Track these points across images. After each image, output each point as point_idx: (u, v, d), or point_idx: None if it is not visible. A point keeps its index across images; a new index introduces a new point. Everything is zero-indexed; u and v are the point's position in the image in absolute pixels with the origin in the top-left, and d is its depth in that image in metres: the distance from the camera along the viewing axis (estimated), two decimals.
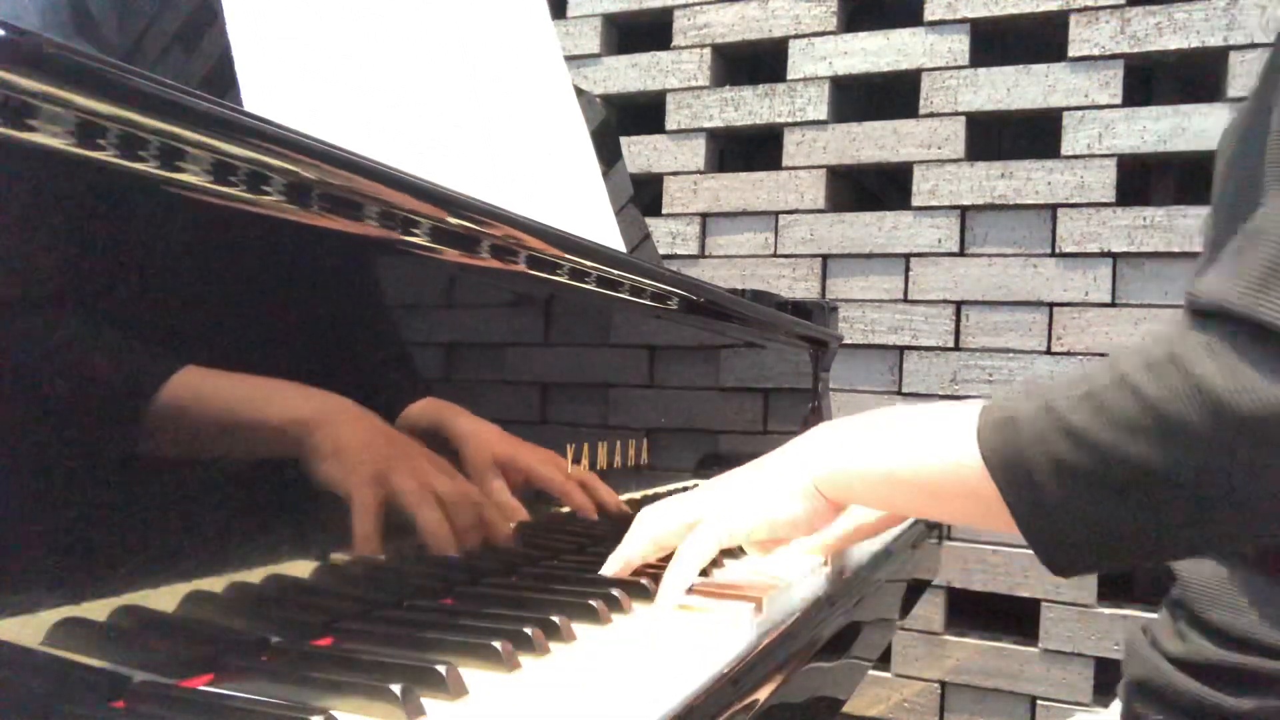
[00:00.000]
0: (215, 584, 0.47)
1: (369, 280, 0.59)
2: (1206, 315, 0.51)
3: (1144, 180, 1.78)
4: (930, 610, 1.75)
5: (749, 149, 2.06)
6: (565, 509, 0.77)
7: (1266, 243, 0.50)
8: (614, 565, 0.67)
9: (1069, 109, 1.69)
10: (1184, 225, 1.62)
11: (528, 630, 0.52)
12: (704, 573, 0.73)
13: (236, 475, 0.49)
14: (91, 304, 0.41)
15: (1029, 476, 0.52)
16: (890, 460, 0.60)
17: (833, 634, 0.75)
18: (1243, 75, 1.58)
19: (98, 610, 0.41)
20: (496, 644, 0.49)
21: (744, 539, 0.66)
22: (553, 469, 0.76)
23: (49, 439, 0.39)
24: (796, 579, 0.73)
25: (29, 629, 0.38)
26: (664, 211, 2.00)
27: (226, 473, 0.48)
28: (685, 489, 0.87)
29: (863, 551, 0.94)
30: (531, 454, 0.73)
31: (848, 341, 1.80)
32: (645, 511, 0.69)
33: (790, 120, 1.91)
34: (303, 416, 0.53)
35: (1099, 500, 0.51)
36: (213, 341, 0.48)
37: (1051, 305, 1.71)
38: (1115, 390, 0.50)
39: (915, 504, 0.61)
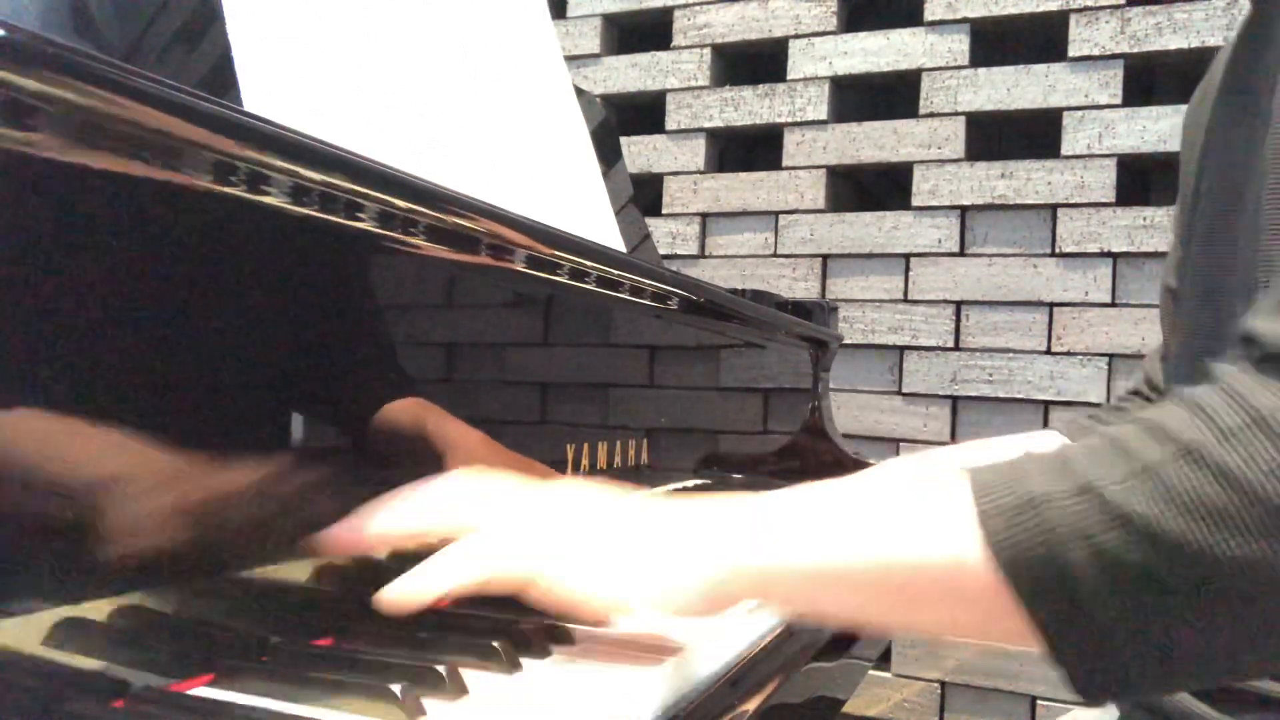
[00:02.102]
0: (215, 584, 0.47)
1: (369, 280, 0.59)
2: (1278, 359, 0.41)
3: (1144, 180, 1.78)
4: None
5: (749, 149, 2.06)
6: None
7: None
8: (408, 592, 0.50)
9: (1069, 109, 1.69)
10: None
11: (528, 630, 0.52)
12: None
13: (237, 475, 0.49)
14: (92, 304, 0.41)
15: (1065, 579, 0.40)
16: (843, 556, 0.45)
17: (832, 634, 0.75)
18: None
19: (98, 610, 0.41)
20: (496, 644, 0.49)
21: (593, 609, 0.50)
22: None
23: (49, 439, 0.39)
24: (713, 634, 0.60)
25: (29, 629, 0.38)
26: (664, 211, 2.00)
27: (227, 472, 0.48)
28: (685, 490, 0.87)
29: None
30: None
31: (848, 341, 1.80)
32: (476, 542, 0.51)
33: (790, 120, 1.91)
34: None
35: (1172, 613, 0.39)
36: (214, 341, 0.48)
37: (1051, 305, 1.71)
38: (1185, 468, 0.39)
39: (870, 612, 0.47)
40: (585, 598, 0.49)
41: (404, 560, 0.59)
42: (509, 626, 0.52)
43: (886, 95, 1.91)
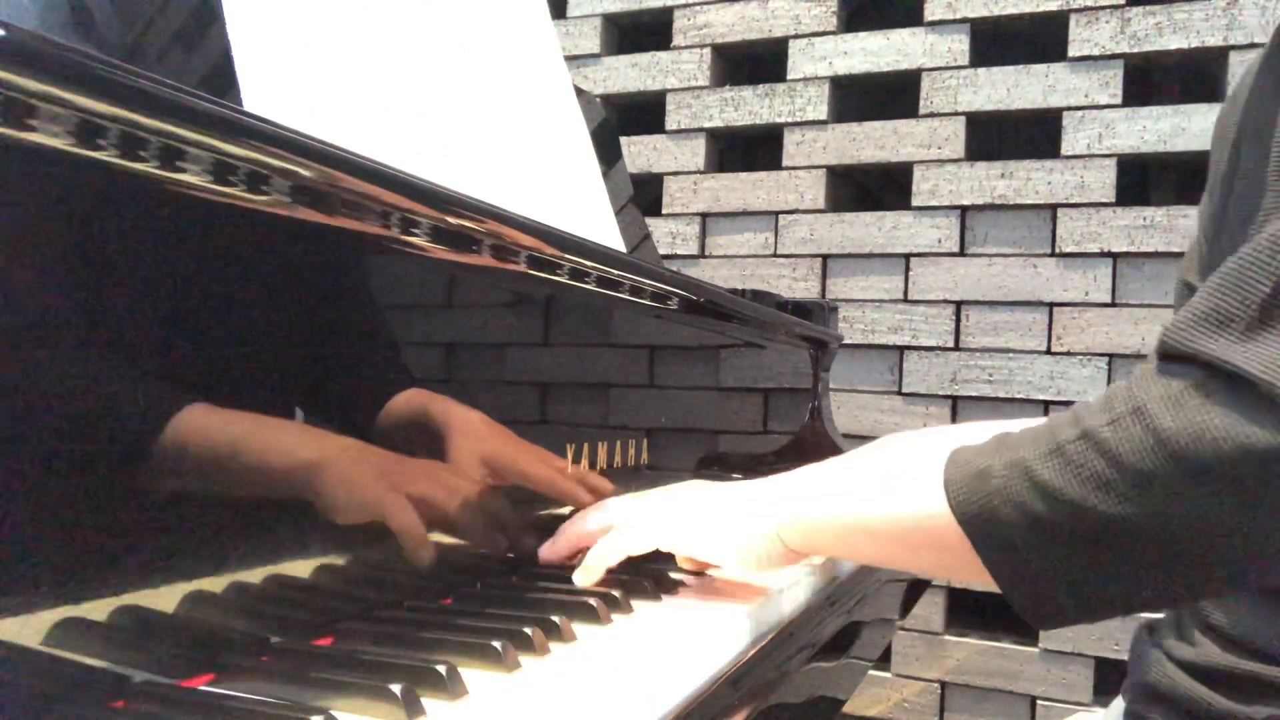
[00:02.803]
0: (215, 584, 0.47)
1: (369, 280, 0.59)
2: (1173, 358, 0.51)
3: (1144, 180, 1.78)
4: (930, 610, 1.75)
5: (749, 149, 2.06)
6: (565, 509, 0.77)
7: (1234, 283, 0.50)
8: (590, 577, 0.66)
9: (1069, 109, 1.69)
10: (1184, 225, 1.61)
11: (528, 630, 0.52)
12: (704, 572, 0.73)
13: (237, 475, 0.49)
14: (92, 304, 0.41)
15: (1002, 534, 0.52)
16: (859, 511, 0.60)
17: (832, 634, 0.75)
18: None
19: (98, 610, 0.41)
20: (496, 644, 0.49)
21: (693, 560, 0.69)
22: (547, 469, 0.76)
23: (49, 439, 0.39)
24: (786, 585, 0.73)
25: (29, 629, 0.38)
26: (664, 211, 2.00)
27: (227, 472, 0.48)
28: None
29: None
30: (525, 455, 0.73)
31: (848, 341, 1.80)
32: (579, 515, 0.71)
33: (790, 120, 1.91)
34: (309, 457, 0.53)
35: (1074, 556, 0.51)
36: (214, 342, 0.48)
37: (1051, 305, 1.71)
38: (1082, 445, 0.50)
39: (885, 555, 0.61)
40: (690, 558, 0.69)
41: (404, 560, 0.59)
42: (509, 626, 0.52)
43: (886, 95, 1.91)
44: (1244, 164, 0.70)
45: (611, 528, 0.68)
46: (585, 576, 0.66)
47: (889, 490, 0.59)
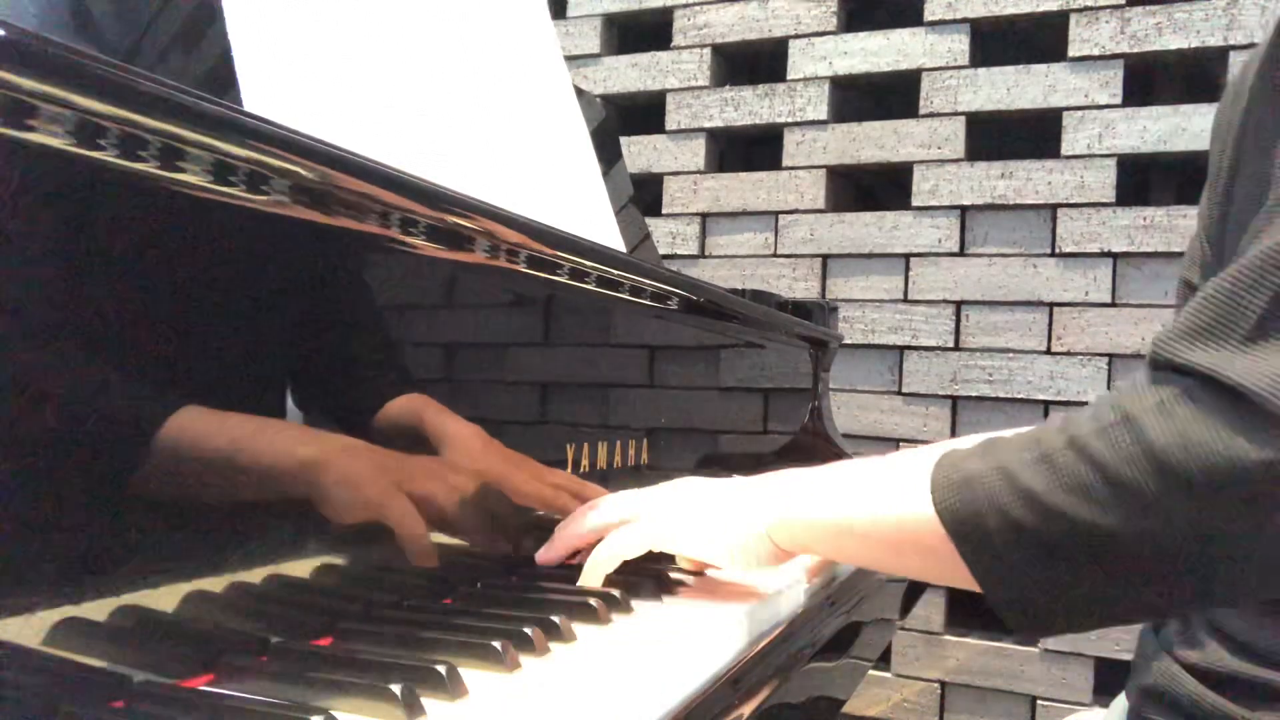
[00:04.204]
0: (215, 584, 0.47)
1: (369, 280, 0.59)
2: (1164, 369, 0.50)
3: (1144, 180, 1.78)
4: (930, 610, 1.75)
5: (749, 149, 2.06)
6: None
7: (1228, 296, 0.50)
8: (593, 578, 0.66)
9: (1069, 109, 1.69)
10: (1184, 225, 1.61)
11: (528, 630, 0.52)
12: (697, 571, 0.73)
13: (237, 474, 0.49)
14: (92, 304, 0.41)
15: (986, 539, 0.51)
16: (847, 512, 0.59)
17: (832, 634, 0.75)
18: None
19: (98, 610, 0.41)
20: (496, 644, 0.49)
21: (683, 557, 0.68)
22: (539, 487, 0.75)
23: (49, 439, 0.39)
24: (785, 585, 0.73)
25: (29, 629, 0.38)
26: (664, 211, 2.00)
27: (227, 472, 0.48)
28: None
29: None
30: (517, 474, 0.72)
31: (848, 341, 1.80)
32: (580, 512, 0.70)
33: (790, 120, 1.91)
34: (309, 456, 0.53)
35: (1057, 564, 0.50)
36: (214, 341, 0.48)
37: (1051, 305, 1.71)
38: (1068, 453, 0.50)
39: (871, 558, 0.61)
40: (687, 557, 0.69)
41: (404, 560, 0.59)
42: (509, 627, 0.52)
43: (886, 95, 1.91)
44: (1245, 166, 0.70)
45: (607, 528, 0.68)
46: (587, 583, 0.66)
47: (876, 492, 0.58)
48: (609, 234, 1.02)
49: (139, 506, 0.44)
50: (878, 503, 0.58)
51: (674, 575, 0.71)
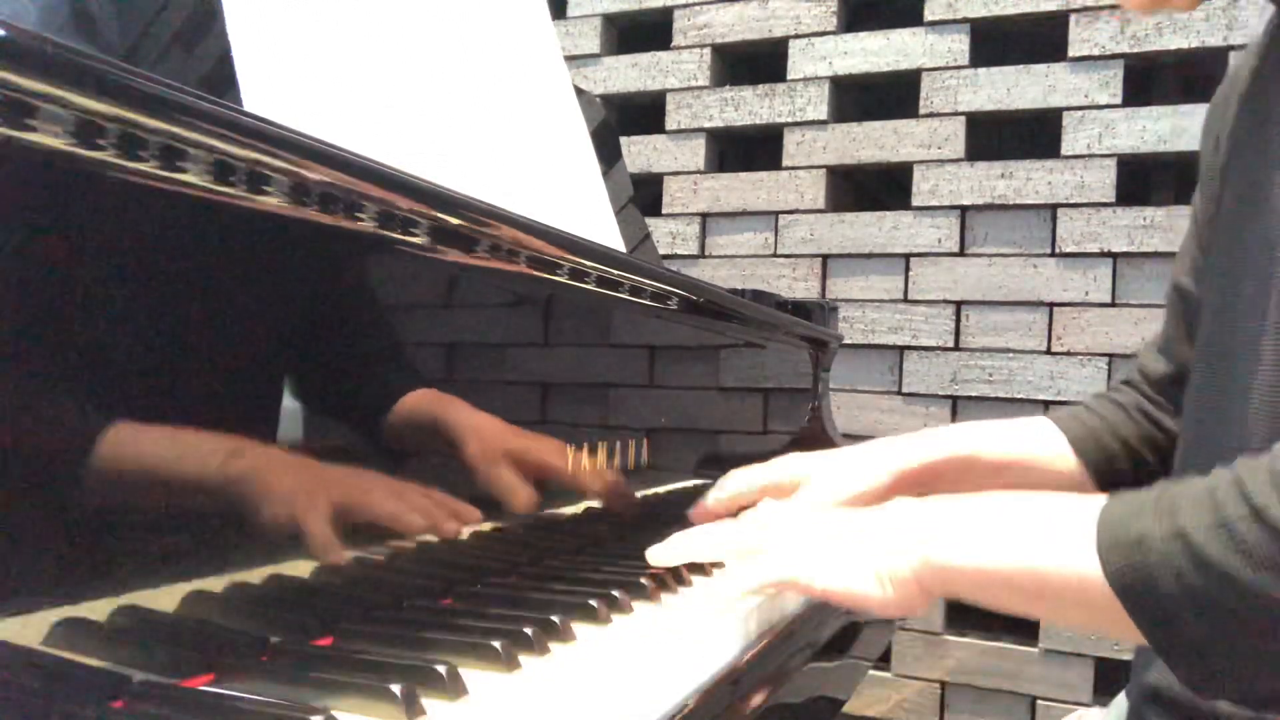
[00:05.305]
0: (215, 584, 0.47)
1: (369, 281, 0.59)
2: None
3: (1144, 180, 1.78)
4: (930, 610, 1.75)
5: (749, 149, 2.06)
6: (564, 510, 0.77)
7: None
8: (669, 555, 0.66)
9: (1069, 109, 1.69)
10: (1184, 225, 1.61)
11: (527, 630, 0.52)
12: (704, 572, 0.73)
13: (237, 473, 0.49)
14: (92, 304, 0.41)
15: (1162, 607, 0.50)
16: (1003, 563, 0.56)
17: (832, 634, 0.75)
18: None
19: (98, 610, 0.41)
20: (496, 644, 0.49)
21: (815, 595, 0.62)
22: (561, 459, 0.76)
23: (49, 439, 0.39)
24: None
25: (29, 629, 0.38)
26: (664, 211, 2.00)
27: (227, 472, 0.48)
28: (685, 490, 0.87)
29: None
30: (540, 445, 0.73)
31: (848, 341, 1.80)
32: (727, 525, 0.69)
33: (790, 120, 1.91)
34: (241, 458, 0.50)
35: (1241, 636, 0.49)
36: (214, 341, 0.48)
37: (1051, 305, 1.71)
38: (1252, 526, 0.48)
39: (1026, 608, 0.58)
40: (831, 599, 0.62)
41: (404, 560, 0.59)
42: (509, 626, 0.52)
43: (886, 95, 1.91)
44: (1227, 195, 0.70)
45: (736, 552, 0.66)
46: (729, 594, 0.64)
47: (1035, 544, 0.55)
48: (609, 234, 1.02)
49: (139, 506, 0.44)
50: (1038, 556, 0.55)
51: (674, 576, 0.71)
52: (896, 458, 0.77)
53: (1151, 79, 1.77)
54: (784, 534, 0.65)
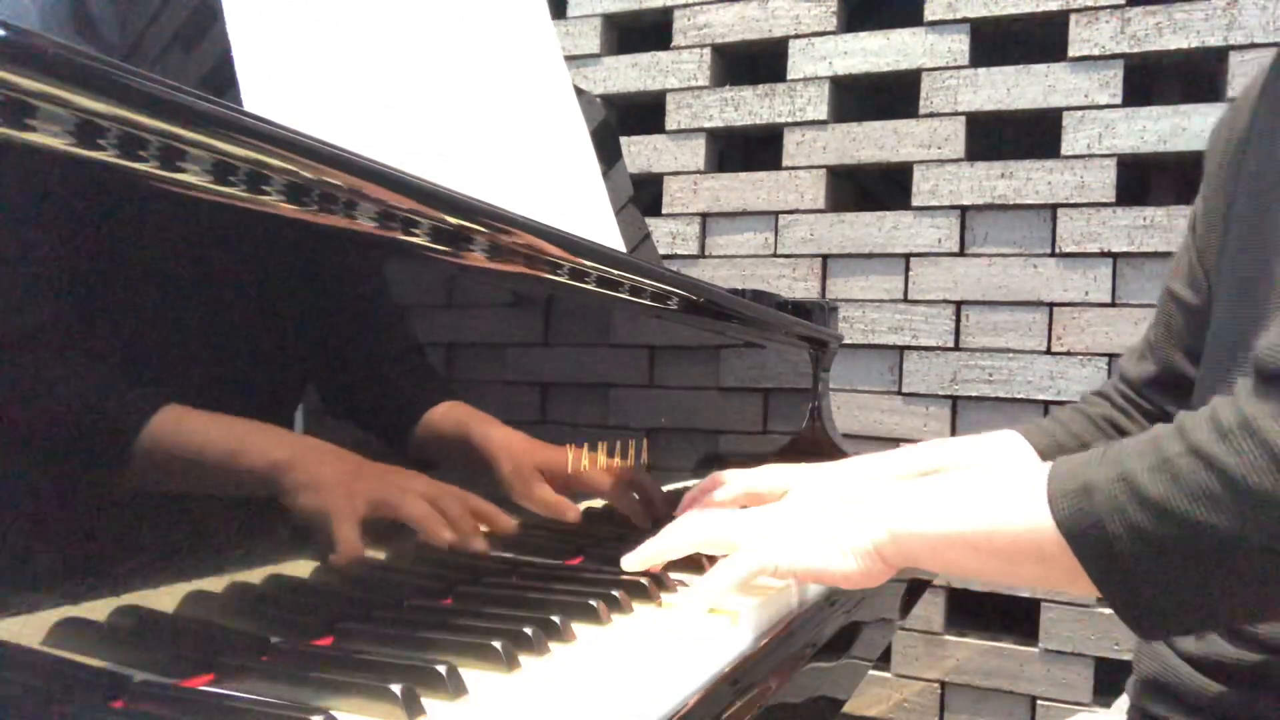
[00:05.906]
0: (215, 584, 0.47)
1: (369, 281, 0.59)
2: (1276, 378, 0.50)
3: (1144, 180, 1.78)
4: (930, 610, 1.75)
5: (749, 149, 2.06)
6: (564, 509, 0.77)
7: None
8: (644, 559, 0.67)
9: (1069, 109, 1.69)
10: (1184, 225, 1.61)
11: (528, 630, 0.52)
12: (697, 567, 0.73)
13: (237, 475, 0.49)
14: (92, 304, 0.41)
15: (1109, 547, 0.52)
16: (959, 525, 0.59)
17: (832, 634, 0.75)
18: (1242, 76, 1.58)
19: (98, 610, 0.41)
20: (496, 644, 0.49)
21: (784, 575, 0.65)
22: (591, 467, 0.78)
23: (49, 439, 0.39)
24: (783, 587, 0.72)
25: (29, 629, 0.38)
26: (664, 211, 2.00)
27: (227, 472, 0.48)
28: (685, 490, 0.87)
29: None
30: (563, 456, 0.75)
31: (848, 341, 1.80)
32: (691, 518, 0.70)
33: (790, 120, 1.91)
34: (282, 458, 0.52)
35: (1183, 569, 0.51)
36: (214, 341, 0.48)
37: (1051, 305, 1.71)
38: (1190, 460, 0.50)
39: (984, 568, 0.60)
40: (798, 577, 0.66)
41: (404, 560, 0.59)
42: (509, 627, 0.52)
43: (886, 95, 1.91)
44: (1237, 208, 0.70)
45: (708, 546, 0.68)
46: (708, 593, 0.65)
47: (988, 503, 0.58)
48: (609, 234, 1.02)
49: (139, 506, 0.44)
50: (991, 514, 0.58)
51: (674, 576, 0.71)
52: (872, 473, 0.82)
53: (1151, 79, 1.77)
54: (750, 522, 0.67)
